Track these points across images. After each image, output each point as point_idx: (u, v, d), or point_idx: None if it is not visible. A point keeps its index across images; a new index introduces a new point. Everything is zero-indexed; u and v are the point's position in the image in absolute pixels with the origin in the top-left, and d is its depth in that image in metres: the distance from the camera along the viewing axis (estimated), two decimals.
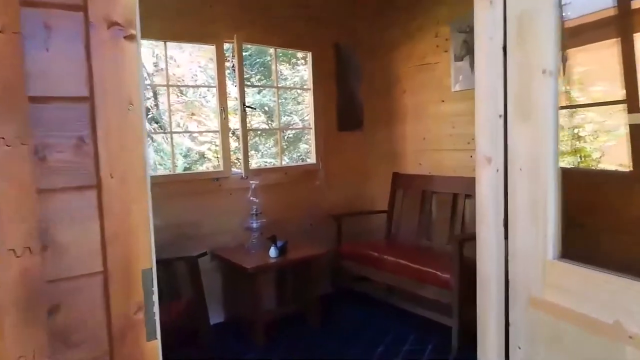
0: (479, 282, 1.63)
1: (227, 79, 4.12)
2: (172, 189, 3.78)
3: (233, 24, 4.00)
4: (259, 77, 8.02)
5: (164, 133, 6.54)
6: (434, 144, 4.37)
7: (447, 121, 4.21)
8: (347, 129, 4.88)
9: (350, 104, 4.91)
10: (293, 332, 3.79)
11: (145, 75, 7.37)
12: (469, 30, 3.90)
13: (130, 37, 0.97)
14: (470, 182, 4.05)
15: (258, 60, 7.92)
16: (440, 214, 4.21)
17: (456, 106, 4.13)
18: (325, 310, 3.91)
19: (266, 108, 7.38)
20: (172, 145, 4.02)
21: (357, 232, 4.78)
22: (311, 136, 4.70)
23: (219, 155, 4.16)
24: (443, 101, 4.25)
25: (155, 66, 8.19)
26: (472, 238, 1.76)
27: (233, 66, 4.45)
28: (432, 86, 4.34)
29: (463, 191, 4.03)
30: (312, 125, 4.64)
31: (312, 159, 4.70)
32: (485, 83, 1.53)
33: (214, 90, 4.10)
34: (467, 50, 3.96)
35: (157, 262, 3.18)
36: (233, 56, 4.14)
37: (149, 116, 6.96)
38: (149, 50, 7.24)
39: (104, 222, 0.95)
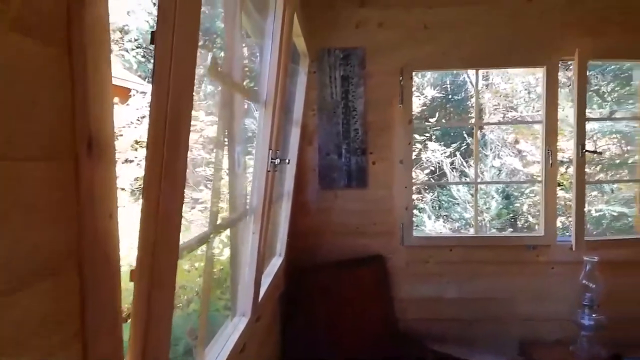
0: None
1: (560, 104, 3.01)
2: (471, 254, 3.00)
3: (573, 35, 2.85)
4: (612, 86, 6.17)
5: (464, 183, 5.72)
6: None
7: None
8: None
9: None
10: None
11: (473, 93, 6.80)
12: None
13: None
14: None
15: (612, 65, 6.08)
16: None
17: None
18: None
19: (617, 136, 5.54)
20: (476, 199, 3.22)
21: None
22: None
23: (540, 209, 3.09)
24: None
25: (485, 80, 7.44)
26: None
27: (570, 85, 3.27)
28: None
29: None
30: None
31: None
32: None
33: (539, 126, 3.07)
34: None
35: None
36: (571, 71, 2.99)
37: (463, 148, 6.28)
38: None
39: None
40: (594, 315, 2.75)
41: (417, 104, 6.56)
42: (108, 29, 0.70)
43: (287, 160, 2.01)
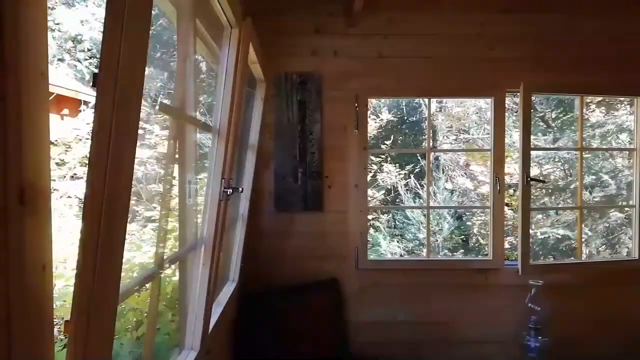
0: None
1: (509, 130, 3.14)
2: (422, 277, 3.06)
3: (519, 69, 3.01)
4: (556, 113, 6.51)
5: (417, 208, 5.87)
6: None
7: None
8: None
9: None
10: None
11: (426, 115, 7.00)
12: None
13: None
14: None
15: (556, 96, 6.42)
16: None
17: None
18: None
19: (561, 161, 5.83)
20: (428, 222, 3.29)
21: None
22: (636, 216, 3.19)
23: (489, 233, 3.19)
24: None
25: (439, 103, 7.69)
26: None
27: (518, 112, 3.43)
28: None
29: None
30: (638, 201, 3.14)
31: (634, 248, 3.18)
32: None
33: (488, 154, 3.19)
34: None
35: None
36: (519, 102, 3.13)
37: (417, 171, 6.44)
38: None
39: None
40: (539, 338, 2.85)
41: (373, 127, 6.68)
42: (47, 74, 0.67)
43: (240, 189, 1.99)
